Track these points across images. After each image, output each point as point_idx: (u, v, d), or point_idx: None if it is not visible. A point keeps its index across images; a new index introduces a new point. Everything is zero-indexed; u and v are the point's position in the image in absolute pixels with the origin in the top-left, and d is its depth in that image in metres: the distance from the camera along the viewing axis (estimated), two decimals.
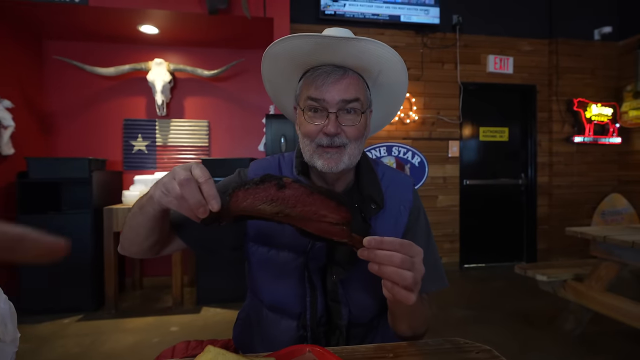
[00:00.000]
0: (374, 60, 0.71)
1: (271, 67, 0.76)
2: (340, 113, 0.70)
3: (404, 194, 0.80)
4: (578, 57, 3.89)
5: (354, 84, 0.71)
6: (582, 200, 3.92)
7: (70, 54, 3.15)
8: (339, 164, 0.71)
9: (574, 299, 2.20)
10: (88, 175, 2.67)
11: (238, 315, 0.89)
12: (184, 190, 0.50)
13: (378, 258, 0.53)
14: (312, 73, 0.72)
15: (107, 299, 2.66)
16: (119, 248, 0.75)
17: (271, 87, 0.82)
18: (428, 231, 0.81)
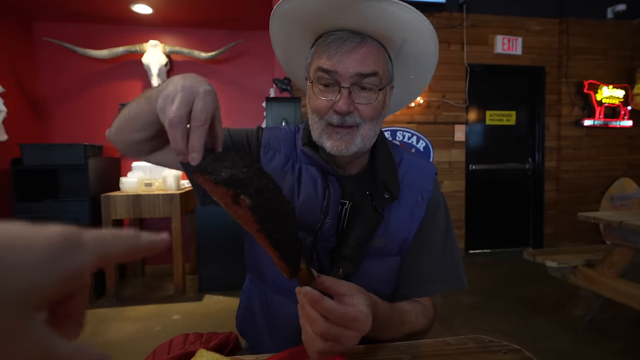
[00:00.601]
0: (398, 27, 0.60)
1: (280, 29, 0.65)
2: (354, 88, 0.60)
3: (424, 184, 0.71)
4: (589, 37, 3.74)
5: (372, 55, 0.61)
6: (590, 185, 3.83)
7: (61, 35, 3.02)
8: (350, 146, 0.62)
9: (584, 285, 2.15)
10: (84, 161, 2.60)
11: (240, 299, 0.82)
12: (170, 131, 0.43)
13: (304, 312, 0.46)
14: (324, 39, 0.62)
15: (108, 287, 2.63)
16: (107, 132, 0.66)
17: (281, 52, 0.72)
18: (447, 227, 0.72)
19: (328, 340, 0.45)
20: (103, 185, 2.79)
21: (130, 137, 0.60)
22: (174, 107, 0.42)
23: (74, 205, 2.60)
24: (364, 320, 0.47)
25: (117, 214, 2.59)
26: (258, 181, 0.41)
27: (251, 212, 0.41)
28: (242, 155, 0.43)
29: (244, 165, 0.41)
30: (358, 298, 0.49)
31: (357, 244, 0.64)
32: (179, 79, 0.46)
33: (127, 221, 3.17)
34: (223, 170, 0.41)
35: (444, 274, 0.70)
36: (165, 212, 2.65)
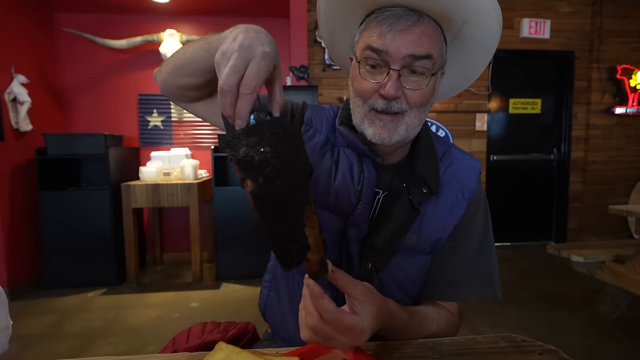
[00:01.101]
0: (461, 5, 0.54)
1: (329, 3, 0.61)
2: (404, 71, 0.56)
3: (466, 181, 0.66)
4: (624, 19, 3.51)
5: (428, 35, 0.55)
6: (619, 177, 3.65)
7: (80, 26, 3.06)
8: (393, 135, 0.58)
9: (612, 281, 2.06)
10: (105, 151, 2.65)
11: (263, 278, 0.79)
12: (220, 97, 0.41)
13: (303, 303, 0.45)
14: (377, 15, 0.57)
15: (129, 273, 2.70)
16: (155, 71, 0.66)
17: (327, 30, 0.67)
18: (486, 230, 0.68)
19: (317, 336, 0.44)
20: (123, 175, 2.84)
21: (179, 80, 0.60)
22: (225, 71, 0.41)
23: (95, 194, 2.66)
24: (358, 333, 0.44)
25: (137, 203, 2.64)
26: (277, 164, 0.38)
27: (252, 199, 0.38)
28: (278, 130, 0.39)
29: (270, 144, 0.38)
30: (366, 307, 0.46)
31: (389, 238, 0.61)
32: (241, 31, 0.44)
33: (146, 210, 3.24)
34: (243, 147, 0.38)
35: (476, 280, 0.65)
36: (183, 201, 2.68)
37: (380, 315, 0.48)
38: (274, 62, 0.43)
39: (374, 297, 0.48)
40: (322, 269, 0.44)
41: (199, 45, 0.54)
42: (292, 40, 2.75)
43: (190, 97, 0.64)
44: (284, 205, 0.39)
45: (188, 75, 0.58)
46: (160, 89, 0.66)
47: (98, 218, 2.66)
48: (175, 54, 0.61)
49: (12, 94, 2.52)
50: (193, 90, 0.61)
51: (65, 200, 2.62)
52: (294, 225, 0.40)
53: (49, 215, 2.59)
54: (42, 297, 2.52)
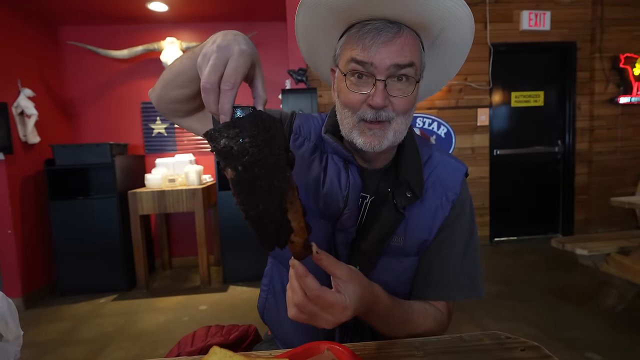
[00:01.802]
0: (438, 15, 0.57)
1: (308, 19, 0.62)
2: (389, 81, 0.58)
3: (450, 184, 0.68)
4: (626, 7, 3.46)
5: (409, 45, 0.58)
6: (626, 167, 3.60)
7: (84, 38, 3.13)
8: (383, 141, 0.61)
9: (618, 273, 2.04)
10: (111, 160, 2.71)
11: (262, 282, 0.82)
12: (203, 95, 0.44)
13: (290, 283, 0.49)
14: (359, 29, 0.59)
15: (139, 279, 2.76)
16: (150, 91, 0.69)
17: (305, 44, 0.69)
18: (471, 231, 0.69)
19: (302, 313, 0.48)
20: (129, 182, 2.90)
21: (171, 93, 0.63)
22: (206, 71, 0.44)
23: (103, 202, 2.72)
24: (341, 309, 0.47)
25: (143, 210, 2.69)
26: (255, 153, 0.41)
27: (231, 185, 0.42)
28: (257, 122, 0.42)
29: (249, 135, 0.41)
30: (349, 287, 0.49)
31: (376, 241, 0.64)
32: (219, 35, 0.47)
33: (153, 216, 3.30)
34: (223, 139, 0.41)
35: (461, 280, 0.67)
36: (189, 206, 2.73)
37: (364, 296, 0.51)
38: (252, 60, 0.46)
39: (358, 278, 0.51)
40: (306, 250, 0.47)
41: (186, 56, 0.58)
42: (290, 44, 2.78)
43: (182, 110, 0.67)
44: (262, 189, 0.42)
45: (178, 87, 0.61)
46: (155, 106, 0.69)
47: (107, 225, 2.72)
48: (166, 69, 0.64)
49: (19, 107, 2.59)
50: (184, 102, 0.64)
51: (75, 209, 2.69)
52: (271, 206, 0.43)
53: (60, 224, 2.67)
54: (56, 305, 2.59)
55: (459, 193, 0.68)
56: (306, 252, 0.47)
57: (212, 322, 0.89)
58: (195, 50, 0.55)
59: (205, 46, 0.47)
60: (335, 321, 0.48)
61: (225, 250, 2.82)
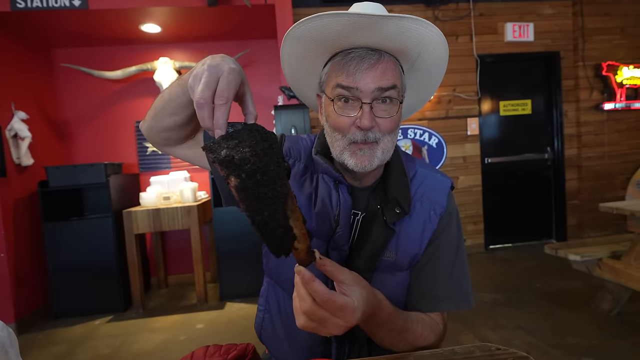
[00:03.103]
0: (415, 42, 0.62)
1: (293, 49, 0.66)
2: (374, 103, 0.62)
3: (437, 198, 0.71)
4: (606, 17, 3.59)
5: (390, 69, 0.63)
6: (614, 171, 3.68)
7: (77, 60, 3.16)
8: (373, 160, 0.63)
9: (610, 277, 2.07)
10: (105, 179, 2.71)
11: (258, 302, 0.84)
12: (197, 111, 0.46)
13: (296, 290, 0.48)
14: (342, 57, 0.63)
15: (134, 299, 2.73)
16: (141, 123, 0.71)
17: (291, 72, 0.73)
18: (458, 242, 0.72)
19: (312, 321, 0.47)
20: (124, 201, 2.90)
21: (163, 122, 0.64)
22: (199, 88, 0.46)
23: (98, 222, 2.71)
24: (350, 311, 0.47)
25: (138, 229, 2.68)
26: (256, 162, 0.43)
27: (236, 192, 0.43)
28: (254, 134, 0.44)
29: (249, 145, 0.43)
30: (355, 290, 0.50)
31: (368, 258, 0.66)
32: (208, 58, 0.49)
33: (148, 235, 3.28)
34: (224, 150, 0.43)
35: (451, 291, 0.69)
36: (184, 224, 2.73)
37: (369, 299, 0.52)
38: (241, 78, 0.49)
39: (362, 281, 0.53)
40: (309, 256, 0.49)
41: (175, 84, 0.60)
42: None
43: (174, 138, 0.69)
44: (266, 196, 0.43)
45: (170, 115, 0.63)
46: (146, 137, 0.71)
47: (102, 246, 2.70)
48: (155, 101, 0.66)
49: (12, 130, 2.60)
50: (176, 129, 0.66)
51: (69, 230, 2.68)
52: (276, 212, 0.44)
53: (54, 246, 2.65)
54: (50, 328, 2.55)
55: (445, 206, 0.71)
56: (310, 259, 0.49)
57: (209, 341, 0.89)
58: (184, 76, 0.58)
59: (194, 70, 0.50)
60: (346, 325, 0.48)
61: (221, 267, 2.81)
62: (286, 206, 0.45)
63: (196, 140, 0.72)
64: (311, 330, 0.48)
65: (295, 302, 0.49)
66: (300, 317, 0.48)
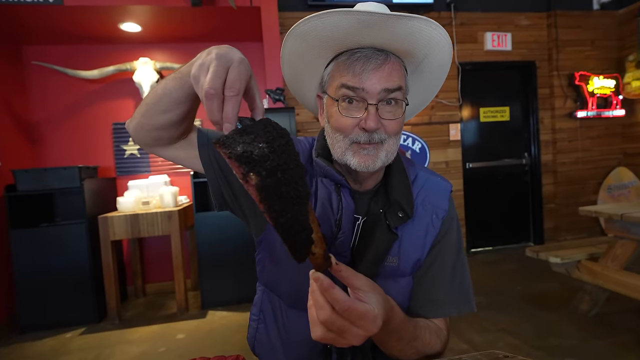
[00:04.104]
0: (423, 43, 0.60)
1: (295, 48, 0.63)
2: (380, 105, 0.60)
3: (439, 202, 0.70)
4: (577, 29, 3.77)
5: (396, 70, 0.61)
6: (587, 176, 3.84)
7: (50, 58, 3.01)
8: (376, 161, 0.62)
9: (589, 279, 2.14)
10: (79, 184, 2.57)
11: (251, 311, 0.79)
12: (205, 103, 0.42)
13: (312, 297, 0.45)
14: (348, 57, 0.61)
15: (109, 309, 2.59)
16: (127, 122, 0.66)
17: (291, 71, 0.69)
18: (459, 246, 0.71)
19: (331, 331, 0.44)
20: (100, 207, 2.76)
21: (155, 120, 0.60)
22: (208, 77, 0.42)
23: (71, 228, 2.57)
24: (371, 319, 0.45)
25: (115, 235, 2.56)
26: (275, 159, 0.40)
27: (257, 191, 0.39)
28: (269, 129, 0.41)
29: (265, 141, 0.40)
30: (372, 297, 0.47)
31: (371, 263, 0.63)
32: (214, 48, 0.46)
33: (125, 241, 3.15)
34: (240, 145, 0.39)
35: (454, 295, 0.68)
36: (164, 229, 2.63)
37: (385, 305, 0.49)
38: (250, 71, 0.45)
39: (377, 287, 0.50)
40: (326, 261, 0.46)
41: (170, 77, 0.56)
42: (267, 64, 2.80)
43: (166, 138, 0.64)
44: (289, 196, 0.40)
45: (163, 112, 0.59)
46: (133, 136, 0.66)
47: (75, 253, 2.56)
48: (145, 97, 0.61)
49: None
50: (169, 128, 0.62)
51: (39, 237, 2.52)
52: (300, 213, 0.41)
53: (22, 254, 2.48)
54: (16, 343, 2.38)
55: (447, 210, 0.70)
56: (326, 264, 0.46)
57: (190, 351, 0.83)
58: (182, 69, 0.54)
59: (198, 59, 0.46)
60: (366, 334, 0.45)
61: (203, 274, 2.72)
62: (308, 207, 0.42)
63: (189, 140, 0.68)
64: (329, 341, 0.45)
65: (311, 312, 0.45)
66: (317, 328, 0.44)
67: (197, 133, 0.68)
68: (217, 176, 0.68)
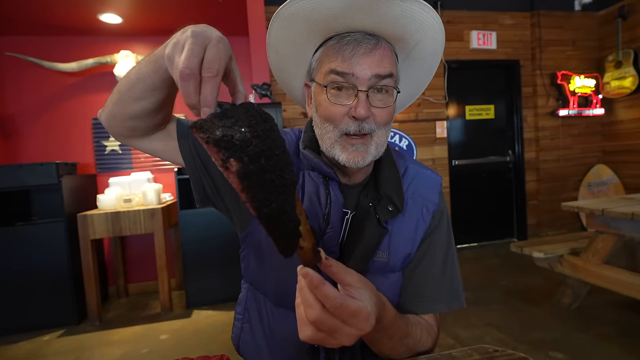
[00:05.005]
0: (415, 28, 0.57)
1: (282, 32, 0.60)
2: (370, 92, 0.57)
3: (429, 195, 0.68)
4: (560, 29, 3.85)
5: (387, 57, 0.58)
6: (568, 174, 3.93)
7: (25, 49, 2.88)
8: (366, 156, 0.59)
9: (571, 273, 2.19)
10: (57, 180, 2.47)
11: (235, 310, 0.76)
12: (181, 84, 0.38)
13: (300, 295, 0.41)
14: (337, 41, 0.58)
15: (90, 310, 2.50)
16: (100, 111, 0.61)
17: (278, 58, 0.65)
18: (449, 241, 0.69)
19: (321, 331, 0.41)
20: (79, 204, 2.67)
21: (128, 108, 0.55)
22: (183, 56, 0.38)
23: (48, 227, 2.47)
24: (364, 317, 0.42)
25: (95, 234, 2.48)
26: (259, 144, 0.36)
27: (238, 179, 0.36)
28: (252, 113, 0.38)
29: (247, 125, 0.36)
30: (364, 293, 0.44)
31: (360, 258, 0.61)
32: (190, 26, 0.42)
33: (107, 240, 3.05)
34: (219, 129, 0.36)
35: (443, 292, 0.66)
36: (147, 227, 2.55)
37: (377, 302, 0.47)
38: (230, 52, 0.42)
39: (369, 284, 0.48)
40: (315, 256, 0.42)
41: (144, 61, 0.52)
42: (253, 58, 2.75)
43: (142, 128, 0.60)
44: (273, 184, 0.37)
45: (137, 99, 0.54)
46: (106, 126, 0.61)
47: (53, 253, 2.46)
48: (118, 83, 0.57)
49: None
50: (144, 117, 0.57)
51: (14, 236, 2.41)
52: (286, 203, 0.38)
53: None
54: None
55: (437, 203, 0.68)
56: (315, 259, 0.43)
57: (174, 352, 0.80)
58: (156, 51, 0.50)
59: (173, 37, 0.42)
60: (358, 333, 0.42)
61: (187, 273, 2.66)
62: (295, 197, 0.39)
63: (167, 131, 0.64)
64: (318, 342, 0.42)
65: (299, 311, 0.42)
66: (306, 328, 0.41)
67: (176, 123, 0.64)
68: (197, 168, 0.64)
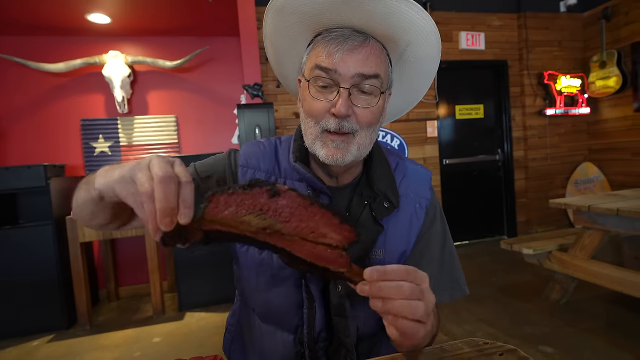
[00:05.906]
0: (404, 28, 0.57)
1: (275, 24, 0.60)
2: (353, 90, 0.57)
3: (421, 190, 0.68)
4: (546, 30, 3.92)
5: (375, 55, 0.57)
6: (556, 171, 4.01)
7: (10, 49, 2.83)
8: (346, 155, 0.58)
9: (559, 269, 2.23)
10: (45, 183, 2.43)
11: (227, 321, 0.77)
12: (160, 187, 0.36)
13: (384, 292, 0.43)
14: (324, 36, 0.58)
15: (80, 314, 2.47)
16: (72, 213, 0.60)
17: (274, 51, 0.66)
18: (444, 234, 0.70)
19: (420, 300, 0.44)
20: (68, 207, 2.62)
21: (86, 223, 0.55)
22: (157, 167, 0.37)
23: (36, 230, 2.42)
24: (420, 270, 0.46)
25: (85, 237, 2.44)
26: None
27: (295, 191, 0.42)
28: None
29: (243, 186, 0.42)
30: None
31: (357, 258, 0.61)
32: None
33: (97, 243, 3.01)
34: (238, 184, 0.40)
35: (444, 282, 0.67)
36: (138, 230, 2.53)
37: None
38: None
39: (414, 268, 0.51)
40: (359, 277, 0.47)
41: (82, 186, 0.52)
42: (244, 59, 2.74)
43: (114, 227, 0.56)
44: None
45: (90, 218, 0.53)
46: None
47: (41, 256, 2.42)
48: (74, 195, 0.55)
49: None
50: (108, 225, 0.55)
51: (2, 240, 2.36)
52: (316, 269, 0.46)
53: None
54: None
55: (430, 199, 0.69)
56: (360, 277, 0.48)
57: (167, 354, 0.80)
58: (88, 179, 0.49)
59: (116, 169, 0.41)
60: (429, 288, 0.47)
61: (180, 275, 2.63)
62: None
63: None
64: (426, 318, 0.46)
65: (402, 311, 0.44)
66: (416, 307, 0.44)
67: None
68: None
